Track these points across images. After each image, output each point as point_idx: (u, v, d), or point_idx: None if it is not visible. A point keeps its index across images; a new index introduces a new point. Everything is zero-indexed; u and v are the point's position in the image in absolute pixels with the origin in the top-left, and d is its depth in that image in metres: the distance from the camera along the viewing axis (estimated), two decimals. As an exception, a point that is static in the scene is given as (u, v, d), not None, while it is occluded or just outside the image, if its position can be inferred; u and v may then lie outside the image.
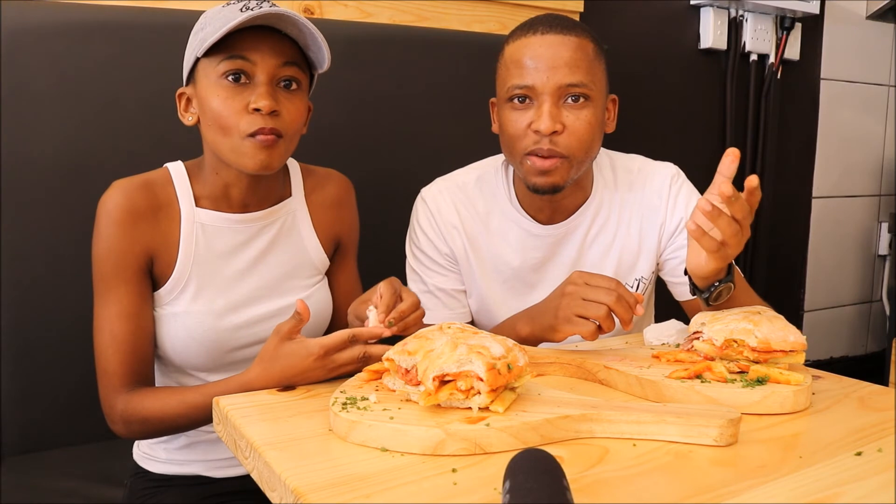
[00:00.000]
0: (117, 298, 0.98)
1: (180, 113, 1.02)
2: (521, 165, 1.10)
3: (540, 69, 1.06)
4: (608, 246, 1.21)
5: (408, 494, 0.59)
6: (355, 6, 1.61)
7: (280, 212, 1.08)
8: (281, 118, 0.96)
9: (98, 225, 0.98)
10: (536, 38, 1.08)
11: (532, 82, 1.06)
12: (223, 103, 0.94)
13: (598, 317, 0.94)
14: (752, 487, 0.61)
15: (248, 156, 0.95)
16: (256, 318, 1.04)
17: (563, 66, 1.06)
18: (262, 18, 0.92)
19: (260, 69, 0.95)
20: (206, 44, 0.93)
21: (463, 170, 1.26)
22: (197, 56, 0.96)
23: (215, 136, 0.96)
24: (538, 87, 1.06)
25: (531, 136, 1.07)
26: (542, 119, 1.05)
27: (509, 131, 1.10)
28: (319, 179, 1.14)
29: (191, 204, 1.02)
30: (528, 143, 1.08)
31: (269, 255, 1.07)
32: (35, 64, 1.27)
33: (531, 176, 1.09)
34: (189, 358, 1.03)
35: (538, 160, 1.07)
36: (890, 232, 2.64)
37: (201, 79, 0.97)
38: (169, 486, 1.10)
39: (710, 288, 0.99)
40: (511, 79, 1.08)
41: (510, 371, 0.72)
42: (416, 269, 1.23)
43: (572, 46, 1.07)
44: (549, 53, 1.06)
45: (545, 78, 1.06)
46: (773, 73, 2.34)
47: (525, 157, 1.09)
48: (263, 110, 0.93)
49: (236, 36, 0.93)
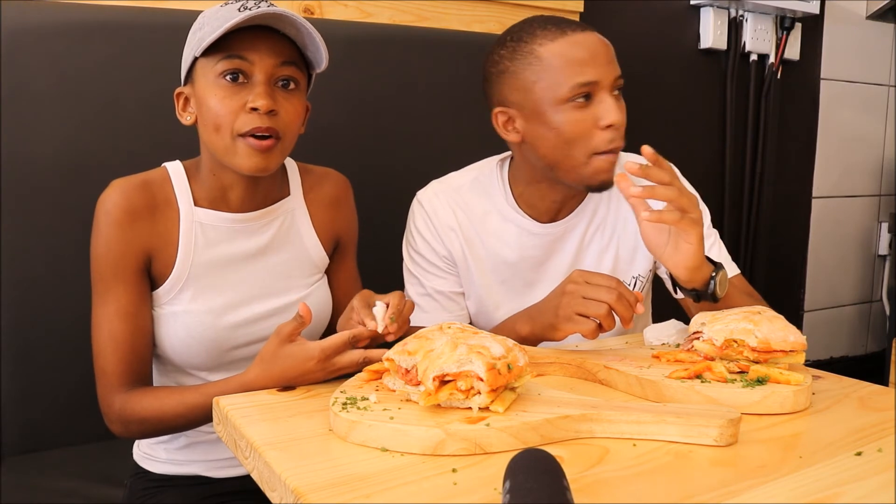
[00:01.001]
0: (116, 298, 0.98)
1: (178, 112, 1.02)
2: (585, 167, 1.07)
3: (600, 63, 1.05)
4: (606, 244, 1.21)
5: (408, 494, 0.59)
6: (355, 6, 1.61)
7: (278, 211, 1.08)
8: (279, 118, 0.96)
9: (97, 224, 0.98)
10: (578, 35, 1.07)
11: (596, 78, 1.05)
12: (220, 102, 0.94)
13: (599, 315, 0.94)
14: (752, 487, 0.61)
15: (242, 157, 0.95)
16: (256, 317, 1.04)
17: (613, 59, 1.08)
18: (260, 18, 0.92)
19: (258, 69, 0.95)
20: (204, 43, 0.93)
21: (457, 173, 1.25)
22: (195, 56, 0.96)
23: (211, 135, 0.96)
24: (602, 81, 1.05)
25: (600, 134, 1.05)
26: (612, 112, 1.04)
27: (574, 133, 1.05)
28: (318, 178, 1.14)
29: (189, 203, 1.02)
30: (598, 142, 1.05)
31: (269, 254, 1.07)
32: (35, 64, 1.28)
33: (603, 174, 1.08)
34: (188, 357, 1.03)
35: (607, 157, 1.06)
36: (890, 232, 2.64)
37: (199, 78, 0.97)
38: (169, 486, 1.10)
39: (709, 283, 0.99)
40: (573, 77, 1.04)
41: (510, 371, 0.72)
42: (413, 272, 1.22)
43: (605, 42, 1.09)
44: (602, 48, 1.07)
45: (606, 71, 1.06)
46: (773, 73, 2.34)
47: (593, 157, 1.07)
48: (261, 109, 0.93)
49: (234, 36, 0.93)
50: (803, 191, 2.59)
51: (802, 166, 2.57)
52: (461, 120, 1.65)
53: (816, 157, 2.57)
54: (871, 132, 2.70)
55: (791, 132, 2.48)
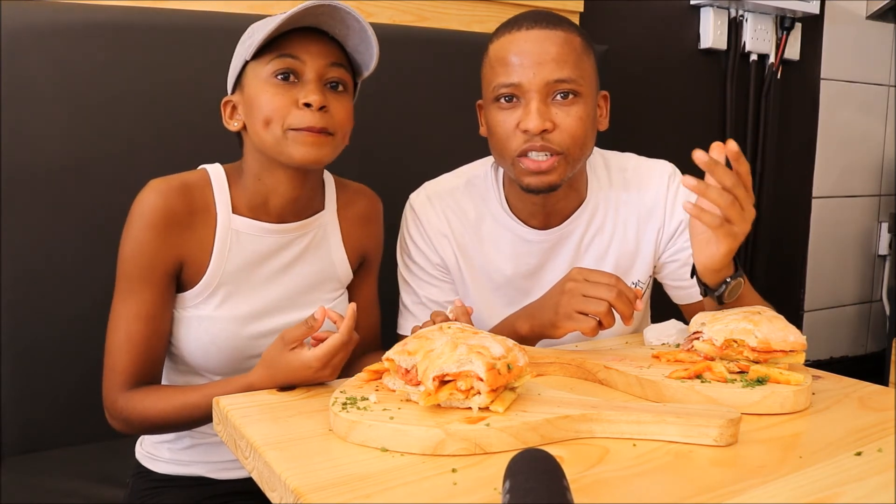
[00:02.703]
0: (139, 299, 0.97)
1: (225, 120, 1.02)
2: (512, 167, 1.07)
3: (525, 66, 1.02)
4: (604, 250, 1.18)
5: (408, 494, 0.59)
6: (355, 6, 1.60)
7: (313, 224, 1.07)
8: (330, 115, 0.96)
9: (130, 224, 0.96)
10: (521, 34, 1.04)
11: (518, 80, 1.02)
12: (272, 99, 0.94)
13: (599, 313, 0.94)
14: (752, 487, 0.61)
15: (295, 147, 0.94)
16: (279, 328, 1.02)
17: (549, 61, 1.02)
18: (312, 13, 0.92)
19: (309, 67, 0.95)
20: (256, 43, 0.93)
21: (451, 174, 1.23)
22: (246, 59, 0.96)
23: (261, 131, 0.95)
24: (525, 84, 1.02)
25: (520, 136, 1.04)
26: (531, 118, 1.02)
27: (498, 133, 1.06)
28: (352, 194, 1.14)
29: (227, 210, 1.01)
30: (518, 144, 1.04)
31: (297, 266, 1.07)
32: (35, 64, 1.27)
33: (525, 177, 1.06)
34: (206, 361, 1.02)
35: (531, 161, 1.04)
36: (890, 232, 2.64)
37: (250, 80, 0.97)
38: (171, 486, 1.10)
39: (722, 285, 0.98)
40: (496, 78, 1.05)
41: (510, 371, 0.72)
42: (408, 280, 1.21)
43: (558, 41, 1.03)
44: (535, 49, 1.03)
45: (531, 74, 1.02)
46: (773, 74, 2.34)
47: (517, 159, 1.05)
48: (314, 105, 0.93)
49: (284, 37, 0.94)
50: (803, 191, 2.59)
51: (802, 166, 2.57)
52: (461, 120, 1.64)
53: (816, 157, 2.58)
54: (871, 132, 2.70)
55: (791, 132, 2.48)
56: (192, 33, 1.38)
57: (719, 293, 0.98)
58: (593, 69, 1.09)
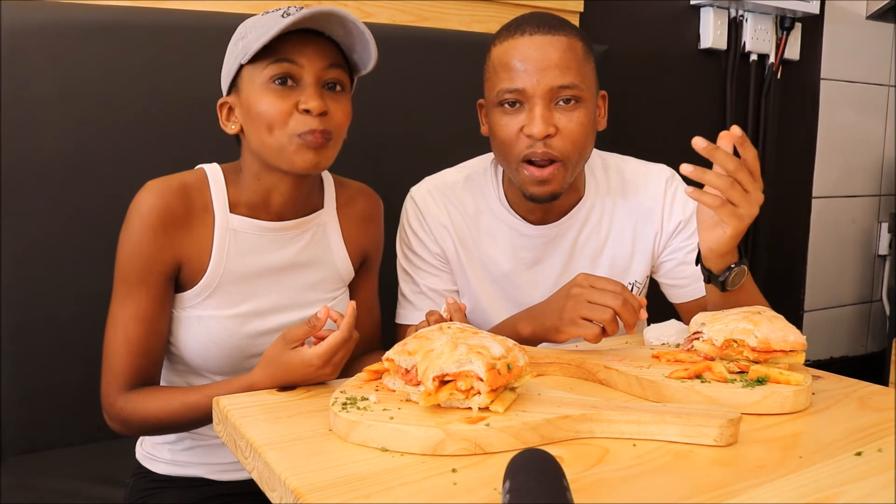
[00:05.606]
0: (137, 300, 0.96)
1: (222, 122, 1.01)
2: (517, 173, 1.08)
3: (530, 72, 1.03)
4: (599, 248, 1.19)
5: (408, 494, 0.59)
6: (355, 6, 1.61)
7: (312, 222, 1.07)
8: (330, 118, 0.96)
9: (129, 225, 0.96)
10: (524, 39, 1.05)
11: (522, 85, 1.04)
12: (272, 105, 0.94)
13: (604, 320, 0.94)
14: (752, 487, 0.61)
15: (296, 154, 0.95)
16: (279, 327, 1.02)
17: (553, 67, 1.03)
18: (310, 19, 0.92)
19: (307, 71, 0.95)
20: (252, 49, 0.92)
21: (452, 169, 1.24)
22: (241, 63, 0.96)
23: (264, 137, 0.95)
24: (529, 90, 1.03)
25: (524, 140, 1.05)
26: (535, 123, 1.03)
27: (501, 136, 1.07)
28: (352, 193, 1.14)
29: (225, 209, 1.01)
30: (521, 148, 1.05)
31: (298, 266, 1.06)
32: (35, 64, 1.27)
33: (529, 186, 1.07)
34: (206, 361, 1.02)
35: (535, 170, 1.05)
36: (890, 232, 2.64)
37: (246, 85, 0.96)
38: (170, 487, 1.10)
39: (726, 271, 0.98)
40: (500, 83, 1.06)
41: (510, 371, 0.72)
42: (407, 270, 1.22)
43: (562, 47, 1.04)
44: (539, 55, 1.03)
45: (535, 81, 1.03)
46: (773, 74, 2.34)
47: (521, 165, 1.06)
48: (314, 111, 0.93)
49: (281, 40, 0.93)
50: (803, 191, 2.59)
51: (802, 166, 2.57)
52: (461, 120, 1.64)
53: (816, 157, 2.58)
54: (871, 132, 2.70)
55: (791, 132, 2.48)
56: (192, 33, 1.38)
57: (723, 279, 0.98)
58: (594, 73, 1.10)
